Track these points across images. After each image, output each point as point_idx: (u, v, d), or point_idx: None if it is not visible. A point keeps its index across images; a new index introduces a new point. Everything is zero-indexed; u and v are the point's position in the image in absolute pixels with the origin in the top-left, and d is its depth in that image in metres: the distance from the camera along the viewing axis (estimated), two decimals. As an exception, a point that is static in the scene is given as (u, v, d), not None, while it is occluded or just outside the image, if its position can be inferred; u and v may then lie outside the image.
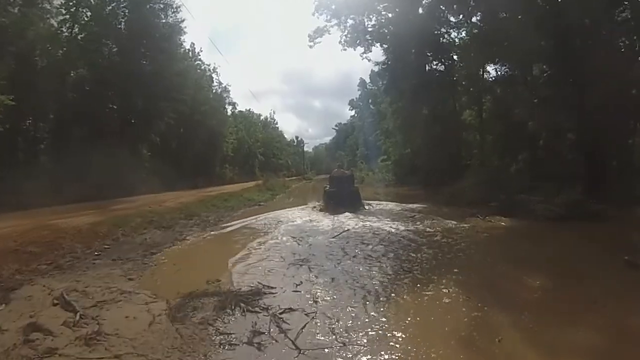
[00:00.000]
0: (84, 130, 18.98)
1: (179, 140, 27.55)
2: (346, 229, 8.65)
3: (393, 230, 8.54)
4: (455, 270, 5.24)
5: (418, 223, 9.50)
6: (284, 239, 7.99)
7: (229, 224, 11.14)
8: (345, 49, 22.69)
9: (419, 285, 4.67)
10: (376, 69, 25.16)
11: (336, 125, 78.64)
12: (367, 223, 9.64)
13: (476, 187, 12.92)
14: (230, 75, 60.10)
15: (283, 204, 17.20)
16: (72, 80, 18.47)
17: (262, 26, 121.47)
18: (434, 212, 11.37)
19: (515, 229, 8.62)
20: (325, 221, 10.60)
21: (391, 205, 13.81)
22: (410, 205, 13.24)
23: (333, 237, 7.76)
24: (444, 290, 4.44)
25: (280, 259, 6.14)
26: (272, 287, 4.55)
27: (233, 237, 8.80)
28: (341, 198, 12.56)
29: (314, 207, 13.61)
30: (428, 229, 8.55)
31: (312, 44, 22.75)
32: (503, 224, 9.05)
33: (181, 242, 8.36)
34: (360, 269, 5.44)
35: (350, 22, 22.00)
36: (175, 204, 13.35)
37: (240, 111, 48.97)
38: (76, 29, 18.61)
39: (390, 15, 21.52)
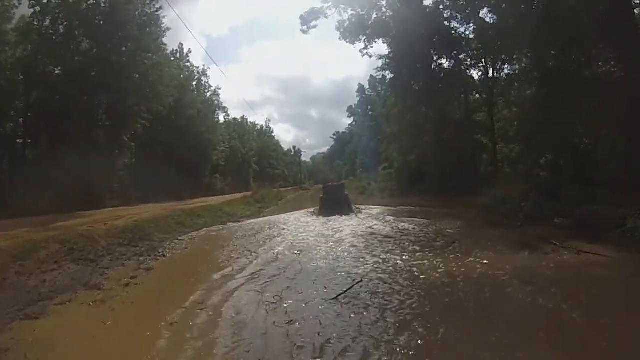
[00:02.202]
0: (47, 134, 17.07)
1: (164, 148, 24.71)
2: (358, 279, 5.08)
3: (432, 277, 5.17)
4: None
5: (463, 256, 6.16)
6: (247, 297, 4.70)
7: (184, 248, 8.57)
8: (346, 40, 19.94)
9: None
10: (379, 63, 22.17)
11: (334, 134, 75.31)
12: (386, 257, 6.36)
13: (523, 197, 9.68)
14: (225, 86, 57.57)
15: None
16: (38, 77, 16.26)
17: (257, 35, 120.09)
18: (475, 235, 7.97)
19: (632, 265, 5.27)
20: (323, 249, 7.41)
21: (411, 224, 10.17)
22: (439, 224, 9.81)
23: (335, 298, 4.37)
24: None
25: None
26: None
27: (173, 285, 5.67)
28: (334, 203, 14.23)
29: (312, 212, 14.91)
30: (489, 271, 5.21)
31: (305, 28, 19.90)
32: (603, 256, 5.66)
33: (91, 290, 5.28)
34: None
35: (349, 10, 19.40)
36: (128, 222, 10.08)
37: (234, 119, 46.69)
38: (47, 22, 16.74)
39: (393, 10, 19.33)
